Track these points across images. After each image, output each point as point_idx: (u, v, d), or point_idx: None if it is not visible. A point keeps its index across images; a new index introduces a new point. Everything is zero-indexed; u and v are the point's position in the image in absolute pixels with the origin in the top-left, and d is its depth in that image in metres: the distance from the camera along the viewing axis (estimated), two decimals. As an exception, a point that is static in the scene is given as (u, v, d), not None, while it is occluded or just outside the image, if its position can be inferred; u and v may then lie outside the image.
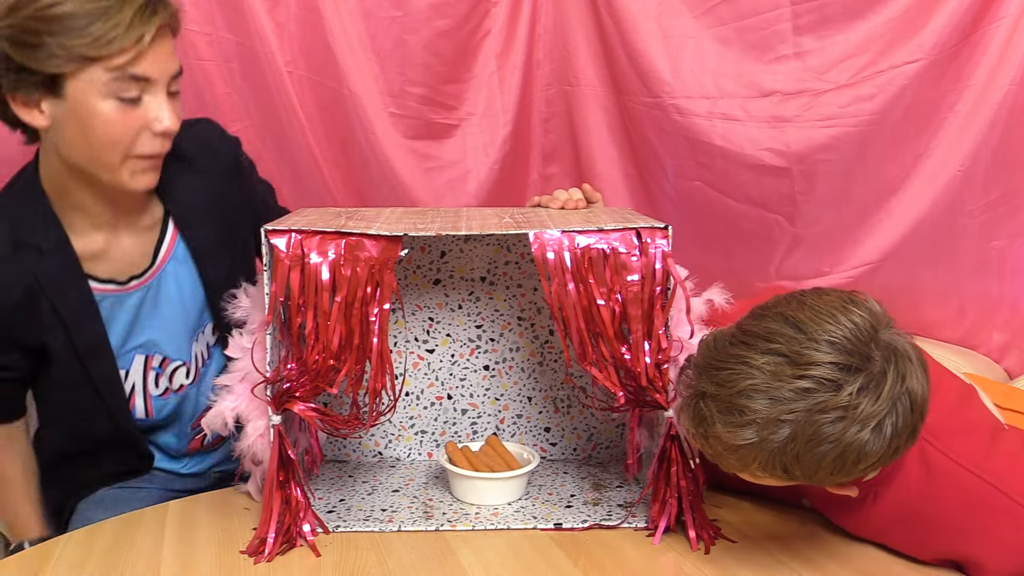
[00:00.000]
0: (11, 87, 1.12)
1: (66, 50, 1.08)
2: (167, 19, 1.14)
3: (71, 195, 1.22)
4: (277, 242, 1.12)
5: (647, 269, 1.13)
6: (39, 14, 1.07)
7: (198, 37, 1.78)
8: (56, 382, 1.29)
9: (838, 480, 0.98)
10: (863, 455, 0.93)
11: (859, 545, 1.17)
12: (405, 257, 1.40)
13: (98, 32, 1.07)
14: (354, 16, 1.82)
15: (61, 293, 1.22)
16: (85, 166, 1.17)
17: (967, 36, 1.65)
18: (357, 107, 1.82)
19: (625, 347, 1.14)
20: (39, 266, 1.20)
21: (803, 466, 0.94)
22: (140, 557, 1.13)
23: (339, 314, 1.11)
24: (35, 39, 1.08)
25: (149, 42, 1.10)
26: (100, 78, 1.10)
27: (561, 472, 1.40)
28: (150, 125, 1.15)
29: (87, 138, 1.14)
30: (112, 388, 1.30)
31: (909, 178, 1.72)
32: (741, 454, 0.95)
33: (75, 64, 1.09)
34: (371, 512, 1.25)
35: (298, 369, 1.13)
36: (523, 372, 1.44)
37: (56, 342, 1.24)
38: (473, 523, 1.21)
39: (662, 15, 1.79)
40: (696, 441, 1.02)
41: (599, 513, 1.25)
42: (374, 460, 1.46)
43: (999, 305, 1.74)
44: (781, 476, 0.97)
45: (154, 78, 1.13)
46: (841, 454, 0.93)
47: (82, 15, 1.07)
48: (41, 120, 1.14)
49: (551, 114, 1.98)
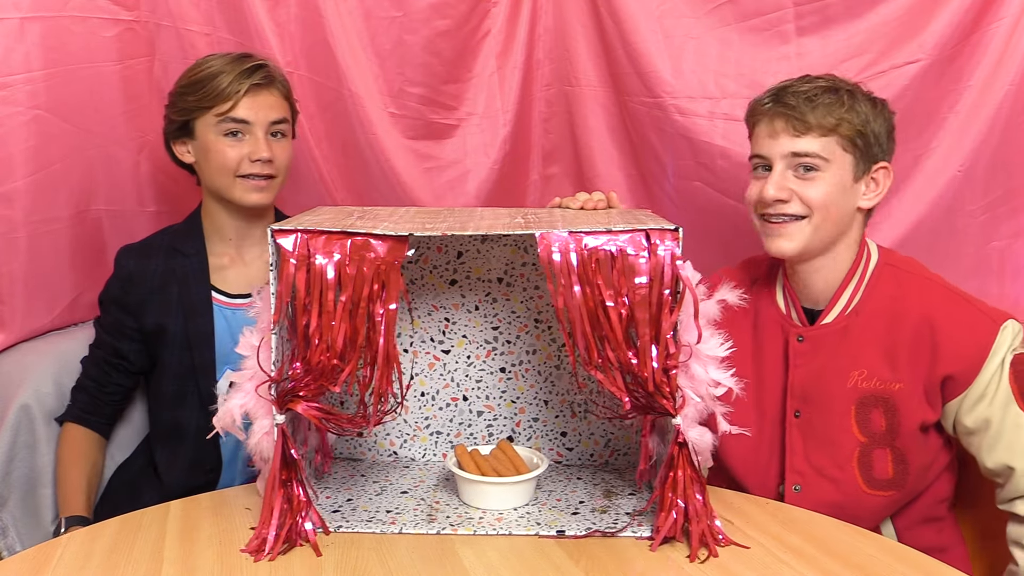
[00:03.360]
0: (171, 136, 1.59)
1: (191, 104, 1.53)
2: (262, 80, 1.54)
3: (213, 216, 1.61)
4: (283, 242, 1.12)
5: (656, 271, 1.11)
6: (184, 82, 1.55)
7: (198, 37, 1.78)
8: (166, 366, 1.59)
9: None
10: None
11: (860, 545, 1.17)
12: (413, 257, 1.40)
13: (210, 90, 1.51)
14: (354, 16, 1.82)
15: (188, 286, 1.58)
16: (215, 188, 1.56)
17: (967, 36, 1.65)
18: (357, 107, 1.82)
19: (632, 351, 1.11)
20: (179, 264, 1.59)
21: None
22: (141, 557, 1.13)
23: (343, 313, 1.10)
24: (180, 98, 1.55)
25: (243, 95, 1.51)
26: (212, 121, 1.52)
27: (574, 478, 1.38)
28: (248, 155, 1.53)
29: (210, 164, 1.55)
30: (207, 377, 1.55)
31: (909, 178, 1.73)
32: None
33: (196, 113, 1.53)
34: (375, 513, 1.25)
35: (303, 368, 1.13)
36: (539, 375, 1.43)
37: (174, 326, 1.57)
38: (475, 528, 1.20)
39: (663, 15, 1.79)
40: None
41: (605, 521, 1.22)
42: (389, 460, 1.46)
43: (999, 305, 1.72)
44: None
45: (251, 120, 1.53)
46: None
47: (203, 79, 1.52)
48: (189, 157, 1.58)
49: (551, 114, 1.97)
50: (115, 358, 1.60)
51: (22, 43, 1.54)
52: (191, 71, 1.55)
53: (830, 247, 1.37)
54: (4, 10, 1.52)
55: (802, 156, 1.33)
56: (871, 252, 1.41)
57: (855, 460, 1.36)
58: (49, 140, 1.60)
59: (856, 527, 1.23)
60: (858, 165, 1.34)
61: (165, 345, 1.58)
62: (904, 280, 1.37)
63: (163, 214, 1.82)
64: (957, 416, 1.33)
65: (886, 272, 1.38)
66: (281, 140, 1.58)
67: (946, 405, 1.33)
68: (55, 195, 1.64)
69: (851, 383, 1.35)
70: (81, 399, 1.61)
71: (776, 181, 1.34)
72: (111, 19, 1.67)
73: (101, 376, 1.61)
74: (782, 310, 1.44)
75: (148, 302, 1.58)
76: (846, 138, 1.32)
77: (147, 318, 1.58)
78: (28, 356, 1.65)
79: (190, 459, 1.58)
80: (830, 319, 1.39)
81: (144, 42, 1.74)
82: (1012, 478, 1.29)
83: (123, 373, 1.62)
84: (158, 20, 1.75)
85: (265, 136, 1.54)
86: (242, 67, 1.53)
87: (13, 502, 1.59)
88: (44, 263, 1.65)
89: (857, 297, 1.38)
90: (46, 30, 1.56)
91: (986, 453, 1.31)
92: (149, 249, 1.61)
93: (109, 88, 1.68)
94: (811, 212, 1.33)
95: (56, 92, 1.59)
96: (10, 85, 1.53)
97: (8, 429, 1.58)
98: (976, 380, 1.29)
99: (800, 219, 1.34)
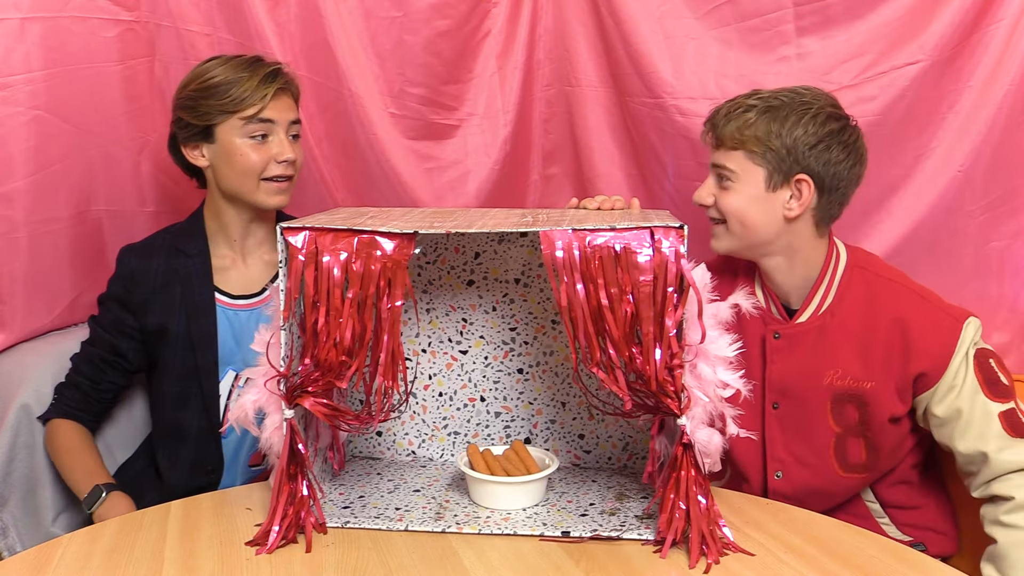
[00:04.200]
0: (184, 140, 1.57)
1: (215, 108, 1.52)
2: (283, 83, 1.56)
3: (220, 217, 1.60)
4: (292, 240, 1.13)
5: (660, 269, 1.10)
6: (199, 85, 1.53)
7: (198, 37, 1.78)
8: (168, 367, 1.59)
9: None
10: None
11: (861, 545, 1.17)
12: (431, 258, 1.41)
13: (235, 95, 1.51)
14: (354, 16, 1.82)
15: (191, 287, 1.58)
16: (234, 191, 1.56)
17: (967, 37, 1.66)
18: (357, 107, 1.82)
19: (637, 349, 1.11)
20: (182, 264, 1.59)
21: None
22: (142, 557, 1.13)
23: (351, 310, 1.11)
24: (196, 103, 1.53)
25: (270, 99, 1.52)
26: (237, 124, 1.52)
27: (589, 480, 1.37)
28: (275, 156, 1.54)
29: (233, 168, 1.54)
30: (210, 378, 1.57)
31: (909, 178, 1.73)
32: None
33: (221, 116, 1.52)
34: (384, 510, 1.25)
35: (312, 364, 1.14)
36: (557, 377, 1.43)
37: (177, 327, 1.57)
38: (480, 527, 1.20)
39: (664, 16, 1.79)
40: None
41: (613, 523, 1.21)
42: (407, 459, 1.46)
43: (999, 305, 1.74)
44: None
45: (276, 120, 1.54)
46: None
47: (225, 83, 1.51)
48: (203, 161, 1.57)
49: (551, 114, 1.97)
50: (112, 356, 1.60)
51: (22, 43, 1.54)
52: (202, 76, 1.54)
53: (773, 251, 1.44)
54: (4, 10, 1.52)
55: (718, 168, 1.44)
56: (840, 253, 1.47)
57: (831, 448, 1.44)
58: (49, 140, 1.60)
59: (857, 527, 1.24)
60: (771, 177, 1.39)
61: (167, 345, 1.58)
62: (872, 281, 1.44)
63: (163, 214, 1.82)
64: (928, 407, 1.41)
65: (856, 274, 1.45)
66: (297, 141, 1.60)
67: (917, 398, 1.42)
68: (55, 195, 1.64)
69: (826, 381, 1.43)
70: (71, 396, 1.60)
71: (703, 188, 1.47)
72: (111, 19, 1.67)
73: (95, 373, 1.60)
74: (762, 303, 1.48)
75: (150, 302, 1.58)
76: (754, 152, 1.39)
77: (149, 318, 1.58)
78: (28, 356, 1.66)
79: (191, 460, 1.59)
80: (804, 318, 1.45)
81: (144, 42, 1.74)
82: (986, 463, 1.36)
83: (119, 371, 1.61)
84: (158, 20, 1.75)
85: (287, 136, 1.56)
86: (264, 70, 1.54)
87: (13, 502, 1.59)
88: (44, 263, 1.65)
89: (829, 298, 1.44)
90: (46, 30, 1.57)
91: (959, 440, 1.38)
92: (151, 249, 1.60)
93: (109, 88, 1.69)
94: (725, 219, 1.43)
95: (56, 92, 1.59)
96: (10, 85, 1.53)
97: (8, 429, 1.58)
98: (944, 374, 1.38)
99: (721, 223, 1.45)
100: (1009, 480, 1.35)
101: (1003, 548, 1.33)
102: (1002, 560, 1.33)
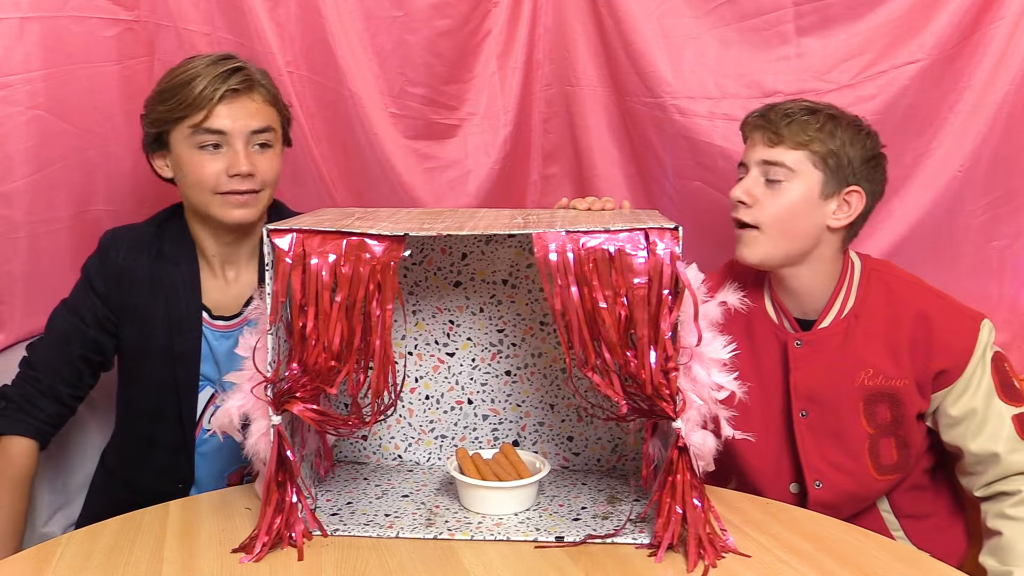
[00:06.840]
0: (148, 149, 1.47)
1: (162, 115, 1.41)
2: (240, 84, 1.39)
3: (195, 231, 1.49)
4: (279, 242, 1.10)
5: (655, 271, 1.08)
6: (154, 94, 1.43)
7: (198, 37, 1.77)
8: (147, 380, 1.48)
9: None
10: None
11: (861, 544, 1.17)
12: (418, 259, 1.40)
13: (182, 98, 1.37)
14: (354, 16, 1.82)
15: (177, 299, 1.47)
16: (193, 204, 1.45)
17: (967, 36, 1.65)
18: (357, 107, 1.82)
19: (631, 353, 1.10)
20: (167, 272, 1.47)
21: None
22: (141, 557, 1.13)
23: (340, 314, 1.10)
24: (150, 108, 1.43)
25: (217, 102, 1.37)
26: (185, 133, 1.39)
27: (579, 483, 1.36)
28: (226, 169, 1.39)
29: (186, 179, 1.42)
30: (189, 395, 1.48)
31: (910, 178, 1.73)
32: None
33: (169, 124, 1.40)
34: (374, 517, 1.24)
35: (300, 369, 1.12)
36: (545, 379, 1.42)
37: (159, 342, 1.46)
38: (473, 533, 1.18)
39: (663, 15, 1.79)
40: None
41: (606, 527, 1.20)
42: (393, 463, 1.45)
43: (999, 305, 1.74)
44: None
45: (228, 131, 1.39)
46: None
47: (173, 88, 1.39)
48: (167, 171, 1.47)
49: (551, 114, 1.97)
50: (95, 354, 1.49)
51: (22, 43, 1.54)
52: (170, 75, 1.42)
53: (802, 260, 1.43)
54: (4, 10, 1.52)
55: (772, 164, 1.40)
56: (854, 261, 1.49)
57: (866, 451, 1.44)
58: (49, 140, 1.60)
59: (857, 527, 1.24)
60: (827, 183, 1.39)
61: (146, 358, 1.48)
62: (890, 282, 1.45)
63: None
64: (942, 406, 1.42)
65: (874, 277, 1.46)
66: (266, 151, 1.43)
67: (933, 395, 1.43)
68: (55, 195, 1.64)
69: (858, 381, 1.42)
70: (47, 407, 1.47)
71: (745, 184, 1.43)
72: (111, 19, 1.67)
73: (75, 377, 1.49)
74: (774, 320, 1.48)
75: (133, 308, 1.47)
76: (817, 155, 1.38)
77: (129, 327, 1.48)
78: (28, 356, 1.65)
79: (161, 466, 1.51)
80: (827, 324, 1.45)
81: (144, 42, 1.74)
82: (996, 463, 1.39)
83: (94, 374, 1.52)
84: (158, 20, 1.75)
85: (246, 148, 1.40)
86: (218, 71, 1.38)
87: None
88: (44, 263, 1.65)
89: (851, 302, 1.44)
90: (46, 30, 1.57)
91: (971, 439, 1.40)
92: (140, 242, 1.49)
93: (109, 88, 1.68)
94: (759, 224, 1.41)
95: (56, 92, 1.59)
96: (10, 85, 1.54)
97: (7, 429, 1.57)
98: (963, 374, 1.40)
99: (753, 228, 1.42)
100: (1016, 479, 1.38)
101: (1009, 540, 1.35)
102: (1007, 552, 1.35)
